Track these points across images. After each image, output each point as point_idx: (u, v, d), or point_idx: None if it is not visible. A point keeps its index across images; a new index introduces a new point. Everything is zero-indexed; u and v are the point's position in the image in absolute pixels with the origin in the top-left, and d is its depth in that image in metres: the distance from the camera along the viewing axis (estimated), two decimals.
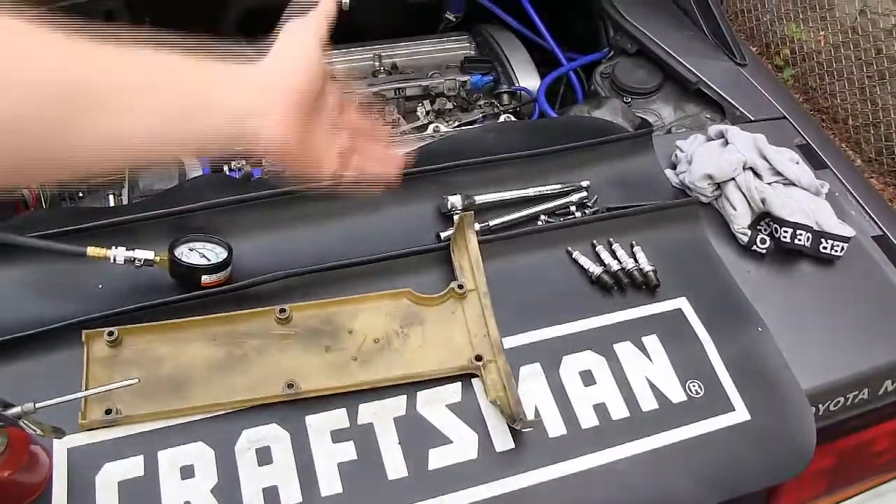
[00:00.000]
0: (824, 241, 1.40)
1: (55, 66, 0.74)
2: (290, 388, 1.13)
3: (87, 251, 1.21)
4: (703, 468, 1.16)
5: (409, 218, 1.40)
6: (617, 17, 1.99)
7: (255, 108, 0.84)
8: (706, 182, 1.45)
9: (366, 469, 1.10)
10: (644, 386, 1.22)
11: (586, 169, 1.51)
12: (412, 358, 1.20)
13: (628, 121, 1.74)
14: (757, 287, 1.37)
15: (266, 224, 1.34)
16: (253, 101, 0.84)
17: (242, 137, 0.84)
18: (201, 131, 0.82)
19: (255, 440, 1.10)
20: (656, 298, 1.32)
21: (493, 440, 1.14)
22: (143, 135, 0.79)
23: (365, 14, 2.18)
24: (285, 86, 0.87)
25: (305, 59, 0.89)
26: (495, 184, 1.45)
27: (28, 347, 1.13)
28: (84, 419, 1.08)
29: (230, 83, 0.84)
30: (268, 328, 1.20)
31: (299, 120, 0.87)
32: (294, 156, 0.89)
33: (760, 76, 1.88)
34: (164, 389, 1.12)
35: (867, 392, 1.32)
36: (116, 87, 0.77)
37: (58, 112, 0.74)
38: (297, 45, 0.90)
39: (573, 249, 1.36)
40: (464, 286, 1.26)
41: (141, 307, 1.18)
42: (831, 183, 1.54)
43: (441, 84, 2.09)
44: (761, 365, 1.26)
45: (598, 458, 1.14)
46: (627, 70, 1.94)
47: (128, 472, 1.06)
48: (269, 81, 0.86)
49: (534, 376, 1.21)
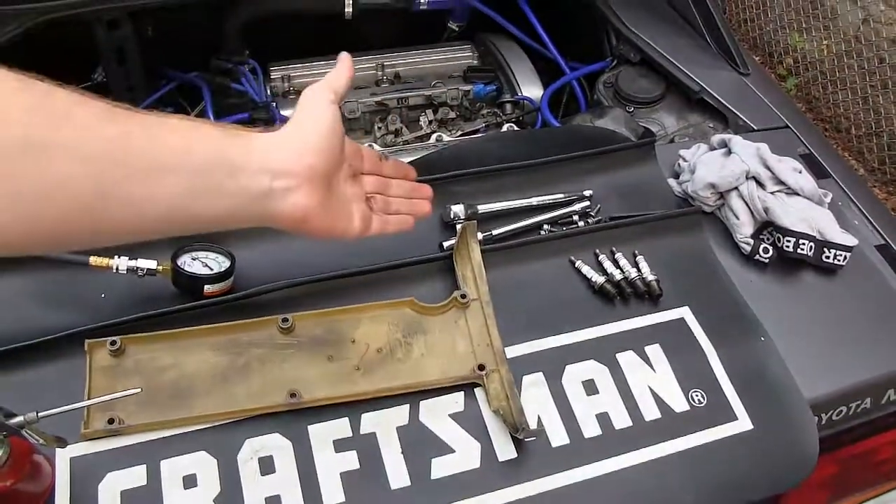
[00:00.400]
0: (827, 251, 1.40)
1: (98, 132, 0.75)
2: (293, 397, 1.13)
3: (90, 260, 1.22)
4: (705, 477, 1.16)
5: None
6: (620, 26, 2.00)
7: (279, 169, 0.86)
8: (709, 191, 1.45)
9: (368, 478, 1.09)
10: (646, 395, 1.22)
11: (589, 178, 1.51)
12: (415, 367, 1.20)
13: (631, 130, 1.74)
14: (759, 296, 1.37)
15: (269, 233, 1.33)
16: (277, 162, 0.86)
17: (269, 200, 0.86)
18: (232, 193, 0.83)
19: (258, 449, 1.10)
20: (659, 308, 1.32)
21: (495, 449, 1.14)
22: (182, 196, 0.80)
23: (368, 23, 2.19)
24: (308, 148, 0.89)
25: (325, 121, 0.91)
26: (498, 193, 1.45)
27: (31, 357, 1.13)
28: (86, 428, 1.08)
29: (257, 147, 0.86)
30: (270, 337, 1.19)
31: (321, 184, 0.90)
32: (317, 221, 0.91)
33: (763, 85, 1.88)
34: (167, 399, 1.12)
35: (870, 401, 1.32)
36: (159, 150, 0.79)
37: (100, 176, 0.74)
38: (314, 110, 0.92)
39: (576, 259, 1.36)
40: (466, 295, 1.26)
41: (143, 316, 1.18)
42: (834, 192, 1.54)
43: (444, 93, 2.10)
44: (764, 374, 1.26)
45: (600, 467, 1.14)
46: (630, 79, 1.94)
47: (130, 482, 1.06)
48: (292, 145, 0.88)
49: (536, 385, 1.21)
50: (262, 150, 0.86)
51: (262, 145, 0.86)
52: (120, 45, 1.96)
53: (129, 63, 2.00)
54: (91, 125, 0.74)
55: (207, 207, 0.83)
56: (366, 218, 1.00)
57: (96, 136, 0.74)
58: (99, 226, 0.78)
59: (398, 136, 2.02)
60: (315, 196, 0.89)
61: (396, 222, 1.06)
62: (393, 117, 2.05)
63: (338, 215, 0.95)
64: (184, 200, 0.81)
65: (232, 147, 0.84)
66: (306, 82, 2.14)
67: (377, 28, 2.30)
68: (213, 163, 0.82)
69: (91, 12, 1.82)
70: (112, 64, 1.99)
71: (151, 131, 0.79)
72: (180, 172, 0.79)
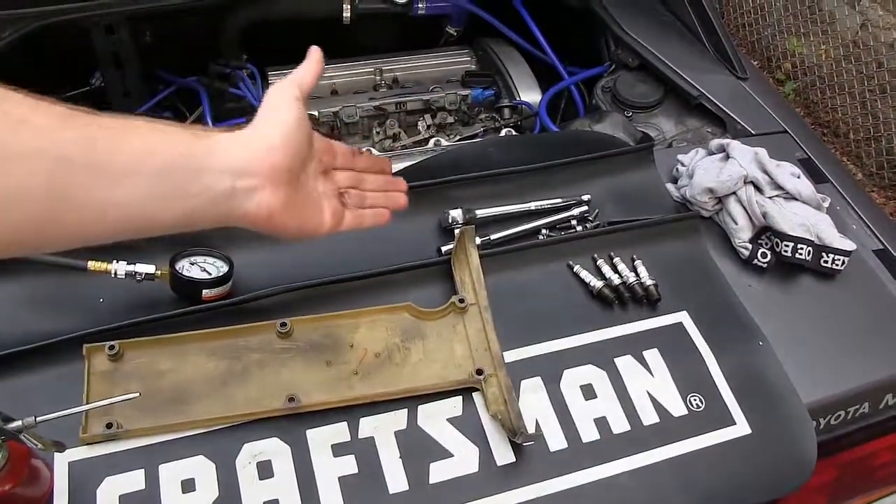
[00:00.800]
0: (825, 255, 1.40)
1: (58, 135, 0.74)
2: (291, 401, 1.13)
3: (89, 265, 1.22)
4: (703, 482, 1.16)
5: (410, 232, 1.40)
6: (618, 31, 2.00)
7: (242, 168, 0.86)
8: (707, 196, 1.45)
9: (366, 483, 1.09)
10: (645, 400, 1.22)
11: (587, 183, 1.51)
12: (413, 372, 1.20)
13: (629, 135, 1.74)
14: (758, 301, 1.37)
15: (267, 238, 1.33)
16: (240, 162, 0.86)
17: (232, 200, 0.86)
18: (196, 193, 0.83)
19: (256, 454, 1.10)
20: (657, 312, 1.32)
21: (493, 454, 1.14)
22: (144, 198, 0.80)
23: (366, 28, 2.19)
24: (271, 147, 0.89)
25: (289, 118, 0.91)
26: (496, 198, 1.46)
27: (29, 361, 1.13)
28: (85, 433, 1.08)
29: (220, 147, 0.86)
30: (269, 342, 1.20)
31: (286, 182, 0.90)
32: (284, 219, 0.91)
33: (762, 90, 1.88)
34: (165, 403, 1.12)
35: (868, 406, 1.32)
36: (119, 152, 0.78)
37: (61, 179, 0.74)
38: (278, 108, 0.92)
39: (574, 263, 1.36)
40: (465, 300, 1.26)
41: (142, 321, 1.18)
42: (832, 197, 1.54)
43: (442, 98, 2.10)
44: (762, 379, 1.26)
45: (598, 471, 1.14)
46: (629, 84, 1.94)
47: (129, 486, 1.06)
48: (255, 144, 0.88)
49: (534, 390, 1.21)
50: (225, 149, 0.86)
51: (224, 145, 0.86)
52: (117, 50, 1.96)
53: (126, 68, 2.00)
54: (49, 129, 0.74)
55: (170, 209, 0.83)
56: (337, 213, 1.00)
57: (54, 140, 0.74)
58: (59, 230, 0.77)
59: (396, 140, 2.02)
60: (279, 194, 0.89)
61: (372, 216, 1.07)
62: (391, 122, 2.05)
63: (306, 212, 0.96)
64: (146, 202, 0.81)
65: (195, 148, 0.84)
66: None
67: (375, 33, 2.30)
68: (176, 164, 0.82)
69: (88, 17, 1.82)
70: (110, 69, 1.99)
71: (112, 134, 0.79)
72: (142, 175, 0.79)
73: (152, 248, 1.27)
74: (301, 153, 0.92)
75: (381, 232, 1.36)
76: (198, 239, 1.28)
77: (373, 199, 1.08)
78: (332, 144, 1.04)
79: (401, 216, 1.37)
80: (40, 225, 0.75)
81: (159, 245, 1.27)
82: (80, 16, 1.78)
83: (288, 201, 0.90)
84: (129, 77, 2.03)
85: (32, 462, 0.98)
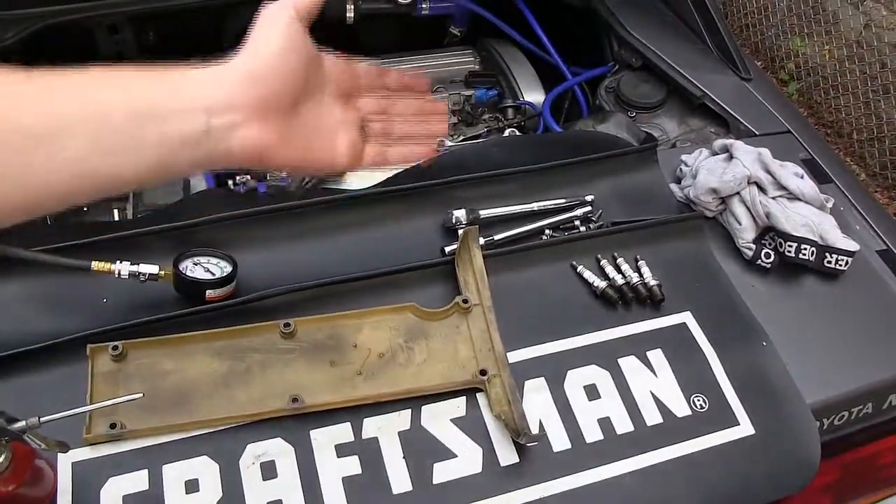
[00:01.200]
0: (829, 256, 1.40)
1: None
2: (295, 402, 1.13)
3: (92, 265, 1.21)
4: (707, 482, 1.16)
5: (413, 232, 1.40)
6: (621, 31, 1.99)
7: (217, 104, 0.78)
8: (710, 196, 1.45)
9: (370, 483, 1.10)
10: (648, 400, 1.21)
11: (591, 183, 1.51)
12: (417, 372, 1.20)
13: (633, 135, 1.74)
14: (761, 301, 1.37)
15: (271, 238, 1.34)
16: (215, 98, 0.78)
17: (209, 141, 0.78)
18: (157, 143, 0.76)
19: (260, 454, 1.10)
20: (661, 313, 1.32)
21: (497, 454, 1.14)
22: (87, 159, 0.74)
23: (370, 28, 2.19)
24: (254, 76, 0.80)
25: (277, 43, 0.82)
26: (500, 198, 1.45)
27: (32, 361, 1.13)
28: (88, 433, 1.08)
29: (188, 85, 0.79)
30: (272, 342, 1.20)
31: (280, 114, 0.81)
32: (282, 155, 0.83)
33: (765, 90, 1.88)
34: (169, 403, 1.12)
35: (871, 406, 1.32)
36: (54, 114, 0.73)
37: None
38: (269, 29, 0.83)
39: (578, 264, 1.36)
40: (468, 300, 1.26)
41: (145, 321, 1.18)
42: (836, 197, 1.54)
43: (446, 98, 2.10)
44: (766, 379, 1.26)
45: (602, 472, 1.14)
46: (632, 84, 1.94)
47: (132, 487, 1.06)
48: (235, 75, 0.80)
49: (538, 390, 1.21)
50: (195, 87, 0.78)
51: (194, 82, 0.78)
52: (121, 50, 1.96)
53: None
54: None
55: (126, 164, 0.76)
56: (354, 146, 0.90)
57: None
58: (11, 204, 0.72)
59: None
60: (271, 128, 0.80)
61: (399, 154, 0.96)
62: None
63: (313, 146, 0.87)
64: (92, 162, 0.74)
65: (153, 92, 0.77)
66: None
67: (379, 33, 2.30)
68: (127, 114, 0.75)
69: (92, 17, 1.82)
70: None
71: (45, 95, 0.73)
72: (81, 134, 0.73)
73: (156, 248, 1.27)
74: (296, 79, 0.83)
75: (384, 232, 1.37)
76: (202, 240, 1.28)
77: (403, 127, 0.96)
78: (352, 66, 0.94)
79: (404, 216, 1.38)
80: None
81: (163, 245, 1.28)
82: (83, 16, 1.78)
83: (284, 134, 0.82)
84: None
85: (36, 462, 0.98)
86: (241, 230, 1.33)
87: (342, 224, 1.37)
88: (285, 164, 0.86)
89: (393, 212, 1.40)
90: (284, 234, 1.35)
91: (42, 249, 1.22)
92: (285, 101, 0.83)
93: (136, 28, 1.94)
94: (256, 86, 0.80)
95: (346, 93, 0.92)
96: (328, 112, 0.89)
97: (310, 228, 1.36)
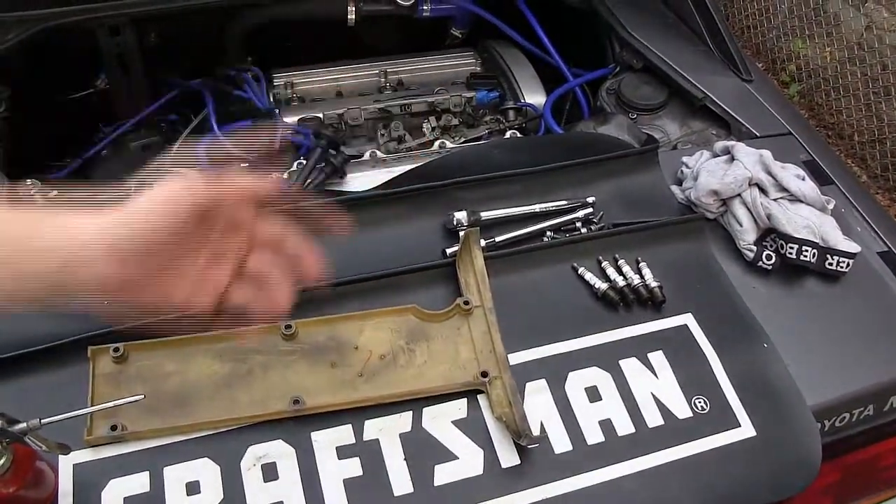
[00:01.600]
0: (830, 258, 1.39)
1: None
2: (296, 403, 1.13)
3: None
4: (708, 484, 1.16)
5: (414, 234, 1.40)
6: (623, 33, 1.99)
7: (79, 251, 0.75)
8: (712, 198, 1.45)
9: (371, 485, 1.09)
10: (649, 402, 1.21)
11: (592, 185, 1.51)
12: (418, 374, 1.20)
13: (634, 137, 1.74)
14: (762, 303, 1.37)
15: None
16: (79, 243, 0.75)
17: (65, 283, 0.76)
18: (23, 276, 0.76)
19: (261, 456, 1.10)
20: (662, 314, 1.32)
21: (498, 456, 1.14)
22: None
23: (371, 30, 2.19)
24: (124, 224, 0.76)
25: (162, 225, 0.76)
26: (501, 200, 1.45)
27: (34, 363, 1.13)
28: (90, 435, 1.08)
29: (60, 228, 0.76)
30: (273, 344, 1.20)
31: (133, 258, 0.77)
32: (132, 296, 0.81)
33: (766, 92, 1.88)
34: (170, 405, 1.12)
35: (872, 408, 1.32)
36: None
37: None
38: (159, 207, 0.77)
39: (579, 265, 1.36)
40: (469, 302, 1.26)
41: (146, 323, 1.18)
42: (837, 199, 1.53)
43: (447, 100, 2.10)
44: (767, 381, 1.26)
45: (603, 474, 1.14)
46: (633, 86, 1.94)
47: (133, 489, 1.06)
48: (107, 222, 0.76)
49: (539, 392, 1.21)
50: (72, 227, 0.76)
51: (76, 223, 0.76)
52: (122, 53, 1.96)
53: (131, 70, 2.00)
54: None
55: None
56: (217, 290, 0.86)
57: None
58: None
59: (401, 143, 2.02)
60: (124, 269, 0.77)
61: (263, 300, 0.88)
62: (396, 124, 2.04)
63: (167, 289, 0.84)
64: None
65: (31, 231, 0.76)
66: (309, 89, 2.15)
67: (380, 35, 2.30)
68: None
69: (94, 19, 1.82)
70: (115, 71, 2.00)
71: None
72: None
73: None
74: (179, 213, 0.76)
75: (385, 234, 1.37)
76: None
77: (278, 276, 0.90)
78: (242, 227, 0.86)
79: (405, 218, 1.38)
80: None
81: None
82: (84, 17, 1.78)
83: (136, 267, 0.77)
84: (133, 80, 2.03)
85: (37, 464, 0.98)
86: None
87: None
88: (137, 304, 0.83)
89: (394, 213, 1.40)
90: None
91: None
92: (152, 244, 0.77)
93: (138, 30, 1.94)
94: (124, 229, 0.76)
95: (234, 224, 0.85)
96: (195, 256, 0.83)
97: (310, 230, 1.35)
